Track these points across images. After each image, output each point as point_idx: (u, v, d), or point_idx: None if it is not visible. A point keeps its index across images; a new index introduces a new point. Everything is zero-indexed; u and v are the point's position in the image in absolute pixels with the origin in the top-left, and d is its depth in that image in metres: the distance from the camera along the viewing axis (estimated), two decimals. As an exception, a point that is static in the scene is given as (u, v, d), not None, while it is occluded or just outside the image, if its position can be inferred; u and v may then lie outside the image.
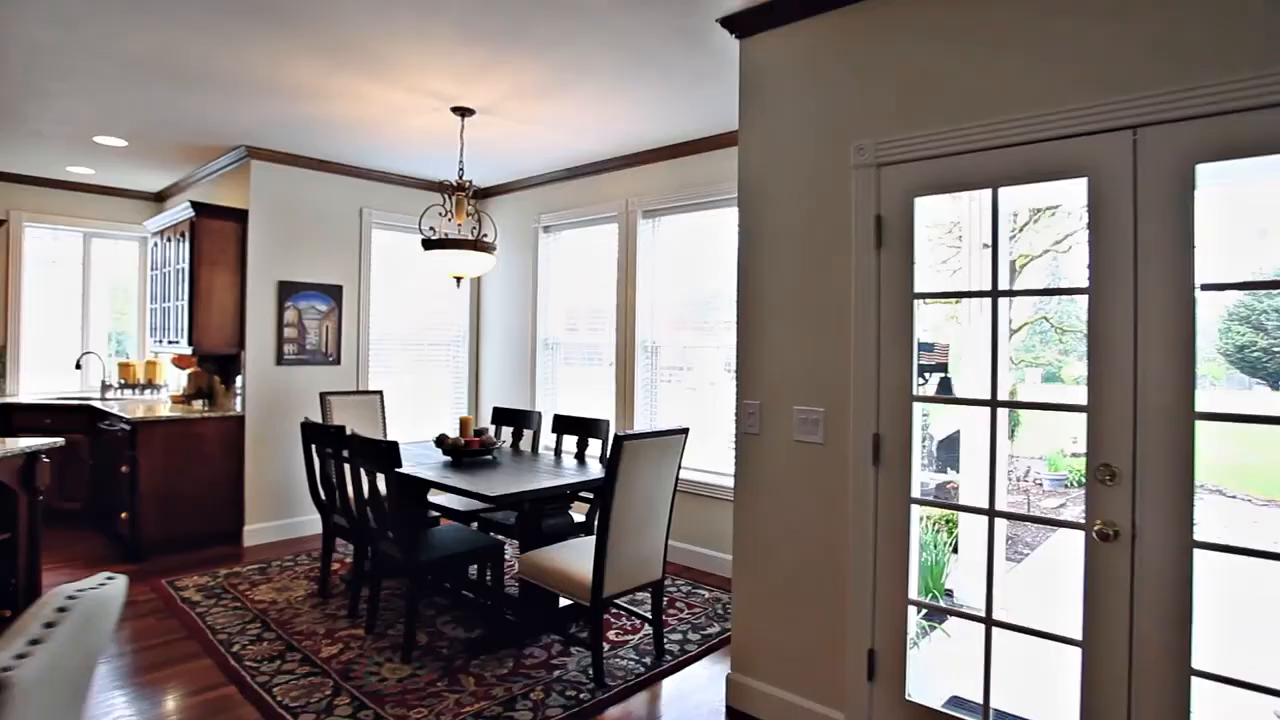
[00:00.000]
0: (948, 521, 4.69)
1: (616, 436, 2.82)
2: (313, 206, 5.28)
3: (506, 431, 5.20)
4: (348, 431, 3.59)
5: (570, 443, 4.52)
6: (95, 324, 6.56)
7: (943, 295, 4.18)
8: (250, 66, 3.45)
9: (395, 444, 3.17)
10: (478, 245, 3.87)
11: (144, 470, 4.64)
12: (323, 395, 4.76)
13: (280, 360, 5.13)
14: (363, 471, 3.43)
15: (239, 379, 5.11)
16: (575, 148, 4.84)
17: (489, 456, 4.03)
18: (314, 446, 3.85)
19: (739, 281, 2.70)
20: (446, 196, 4.06)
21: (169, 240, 5.28)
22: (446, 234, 3.86)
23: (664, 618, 3.66)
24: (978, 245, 3.59)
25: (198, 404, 5.43)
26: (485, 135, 4.51)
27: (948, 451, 5.69)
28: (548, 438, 5.14)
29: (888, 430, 2.31)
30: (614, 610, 3.77)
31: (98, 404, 5.49)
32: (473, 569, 4.10)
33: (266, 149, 4.96)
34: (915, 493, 2.30)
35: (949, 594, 4.08)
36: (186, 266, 4.92)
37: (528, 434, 4.58)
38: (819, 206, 2.47)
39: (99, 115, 4.28)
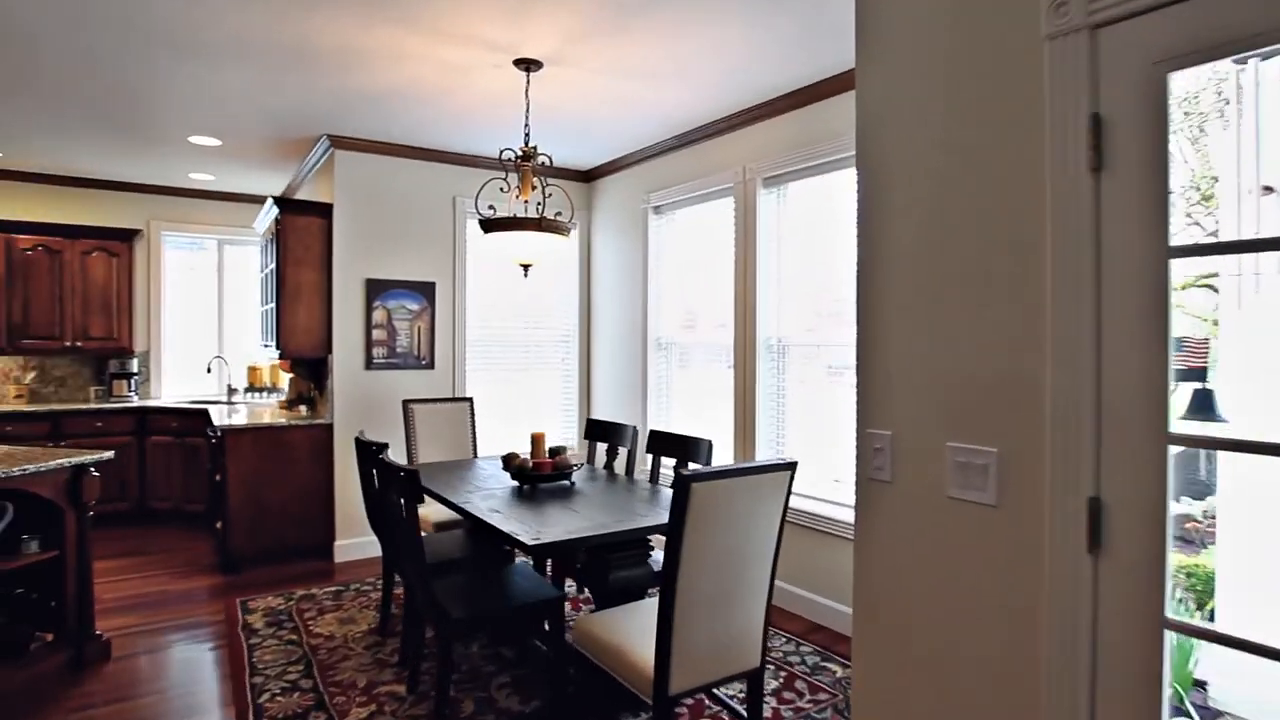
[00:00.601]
0: (1189, 575, 3.37)
1: (680, 476, 2.00)
2: (401, 197, 4.89)
3: (602, 449, 4.50)
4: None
5: (670, 466, 3.75)
6: (229, 329, 6.70)
7: (1223, 249, 2.55)
8: (311, 32, 2.99)
9: (415, 472, 2.55)
10: (542, 224, 3.18)
11: (233, 479, 4.45)
12: (405, 403, 4.33)
13: (369, 364, 4.78)
14: (401, 500, 2.86)
15: (329, 384, 4.83)
16: (673, 106, 4.03)
17: (566, 482, 3.35)
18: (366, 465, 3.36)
19: (859, 250, 1.77)
20: (510, 169, 3.42)
21: (268, 241, 5.12)
22: (514, 214, 3.23)
23: (775, 708, 2.78)
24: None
25: (302, 409, 5.25)
26: (565, 97, 3.83)
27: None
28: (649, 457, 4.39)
29: (1117, 490, 1.31)
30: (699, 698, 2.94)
31: (212, 408, 5.48)
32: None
33: (348, 137, 4.61)
34: (1170, 607, 1.29)
35: (1200, 687, 2.85)
36: (274, 267, 4.70)
37: (623, 453, 3.86)
38: (984, 113, 1.50)
39: (189, 111, 4.09)
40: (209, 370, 6.37)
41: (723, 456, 4.35)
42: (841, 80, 3.50)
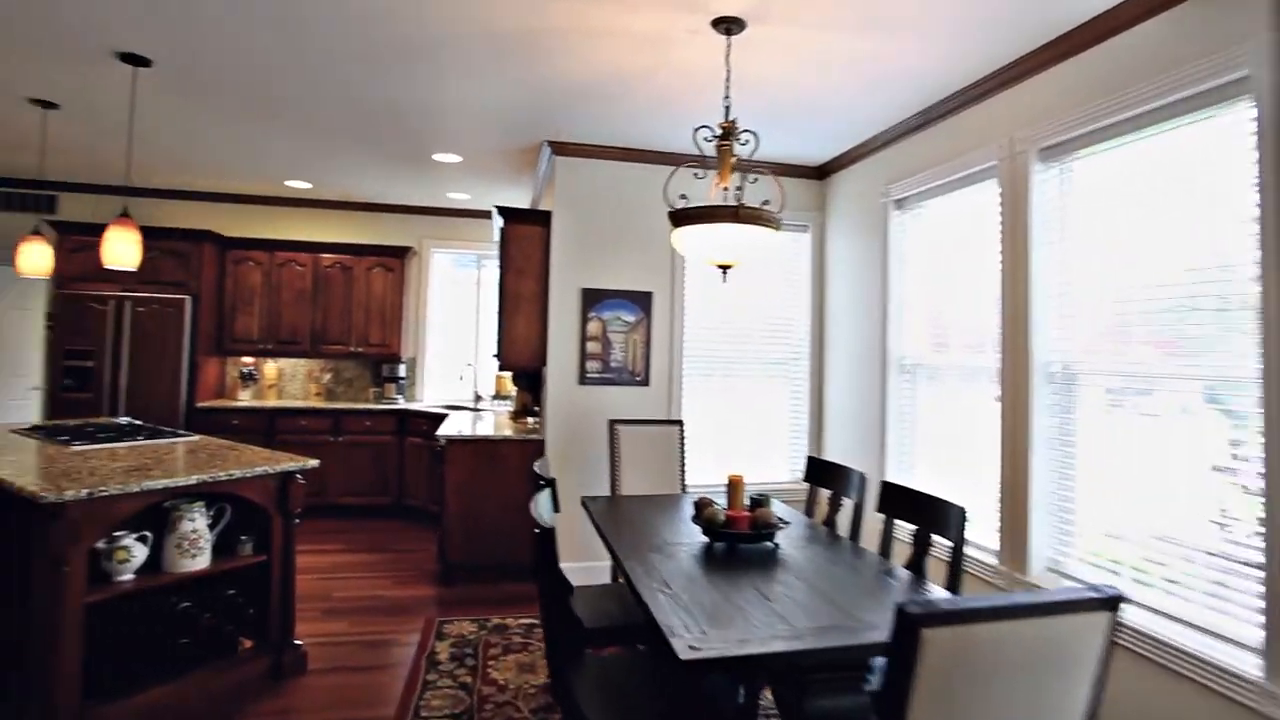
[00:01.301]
0: None
1: (903, 615, 1.27)
2: (618, 202, 4.57)
3: (824, 495, 3.67)
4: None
5: (908, 533, 2.85)
6: (483, 339, 7.06)
7: None
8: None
9: (550, 531, 2.07)
10: (739, 214, 2.54)
11: (450, 488, 4.47)
12: (612, 423, 3.97)
13: (582, 379, 4.52)
14: (542, 559, 2.42)
15: (543, 398, 4.67)
16: (916, 66, 3.12)
17: (769, 543, 2.66)
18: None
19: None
20: (715, 149, 2.83)
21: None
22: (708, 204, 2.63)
23: None
24: None
25: (528, 421, 5.21)
26: (777, 66, 3.15)
27: None
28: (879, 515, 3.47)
29: None
30: None
31: (455, 414, 5.70)
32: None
33: (564, 142, 4.42)
34: None
35: None
36: (498, 276, 4.67)
37: (848, 505, 3.05)
38: None
39: (428, 125, 4.21)
40: (462, 378, 6.73)
41: (982, 531, 3.28)
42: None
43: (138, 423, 4.19)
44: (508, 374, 6.33)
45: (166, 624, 2.91)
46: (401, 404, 6.38)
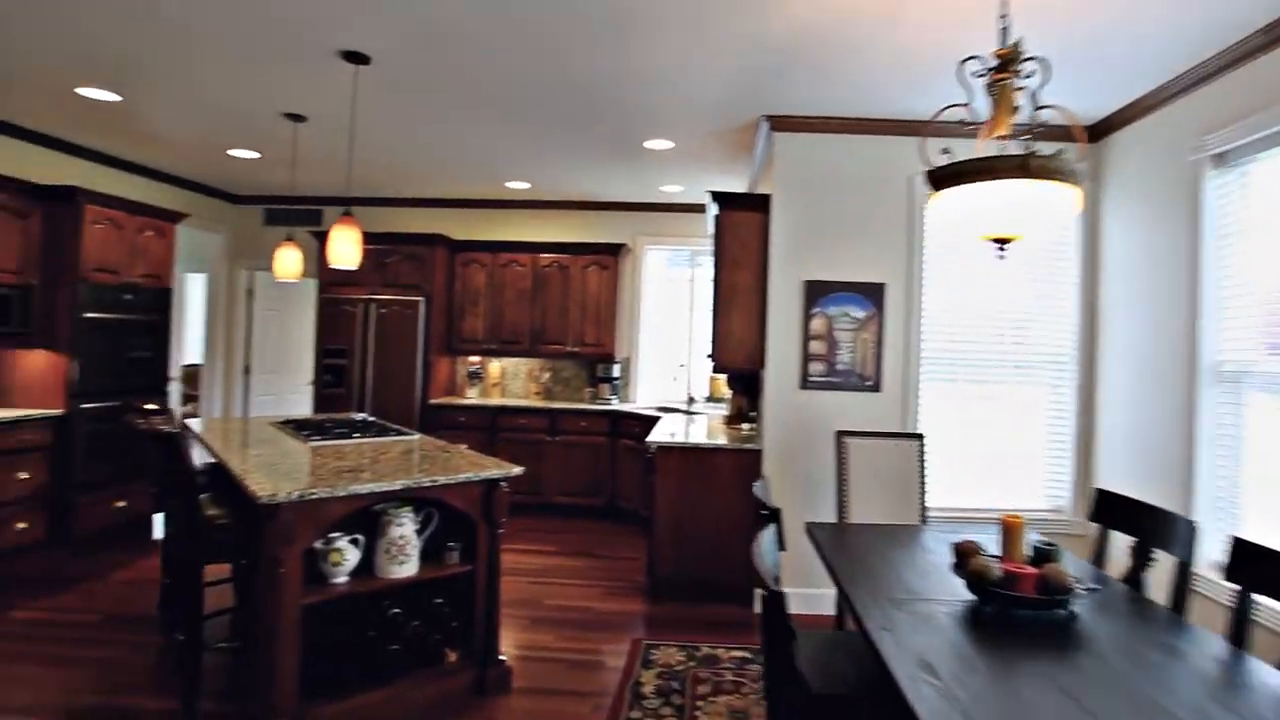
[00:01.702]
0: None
1: None
2: (845, 180, 3.96)
3: (1120, 545, 2.75)
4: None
5: (1274, 612, 1.98)
6: (697, 338, 6.75)
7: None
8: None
9: (779, 596, 1.60)
10: (1028, 166, 1.87)
11: (659, 498, 4.17)
12: (839, 435, 3.42)
13: (804, 383, 3.98)
14: (771, 623, 1.94)
15: (760, 403, 4.19)
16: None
17: (1060, 611, 1.97)
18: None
19: None
20: (986, 84, 2.17)
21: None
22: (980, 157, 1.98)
23: None
24: None
25: (743, 427, 4.78)
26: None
27: None
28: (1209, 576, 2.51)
29: None
30: None
31: (668, 417, 5.43)
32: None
33: (785, 115, 3.90)
34: None
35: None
36: (712, 270, 4.27)
37: (1164, 563, 2.22)
38: None
39: (640, 105, 3.96)
40: (675, 379, 6.47)
41: None
42: None
43: (370, 419, 4.41)
44: (722, 376, 5.93)
45: (377, 629, 2.89)
46: (615, 405, 6.27)
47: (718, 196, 4.16)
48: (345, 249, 3.57)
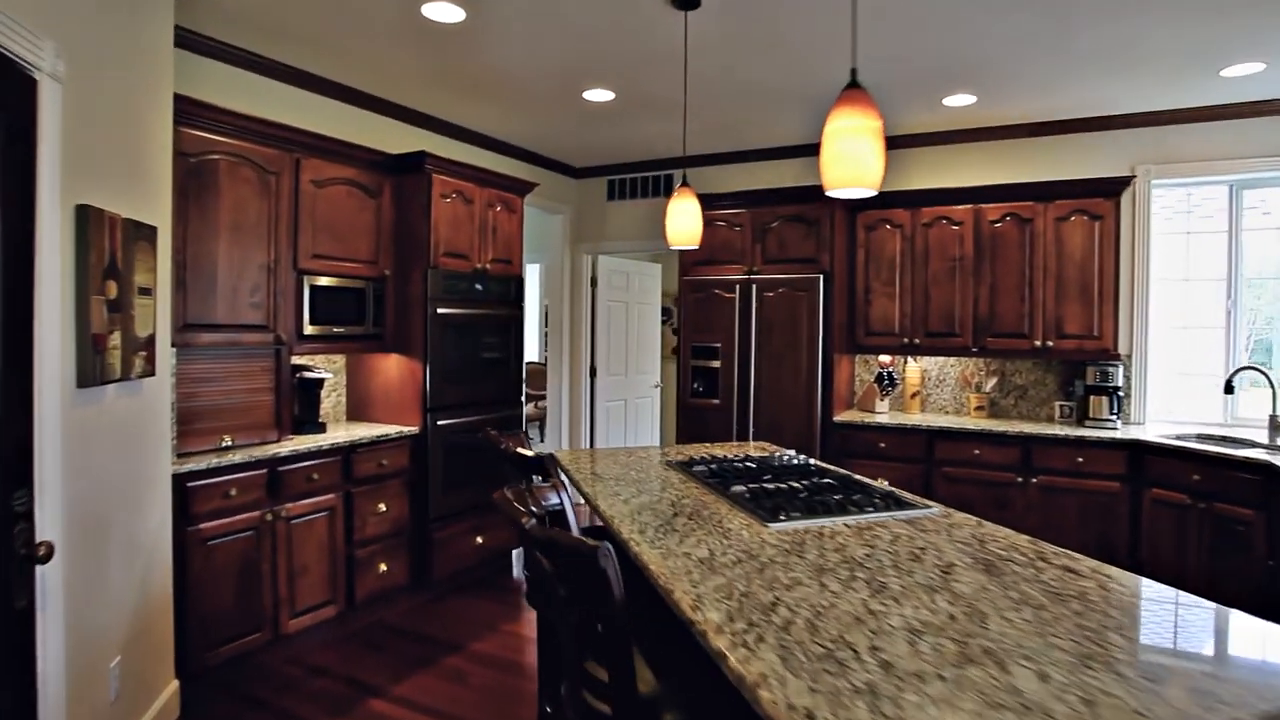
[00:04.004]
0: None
1: None
2: None
3: None
4: None
5: None
6: (1248, 320, 4.18)
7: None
8: None
9: None
10: None
11: None
12: None
13: None
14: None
15: None
16: None
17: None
18: None
19: None
20: None
21: None
22: None
23: None
24: None
25: None
26: None
27: None
28: None
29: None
30: None
31: (1251, 453, 3.08)
32: None
33: None
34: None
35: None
36: None
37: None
38: None
39: None
40: (1229, 389, 3.97)
41: None
42: None
43: (811, 463, 2.79)
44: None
45: None
46: (1119, 431, 4.00)
47: None
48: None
